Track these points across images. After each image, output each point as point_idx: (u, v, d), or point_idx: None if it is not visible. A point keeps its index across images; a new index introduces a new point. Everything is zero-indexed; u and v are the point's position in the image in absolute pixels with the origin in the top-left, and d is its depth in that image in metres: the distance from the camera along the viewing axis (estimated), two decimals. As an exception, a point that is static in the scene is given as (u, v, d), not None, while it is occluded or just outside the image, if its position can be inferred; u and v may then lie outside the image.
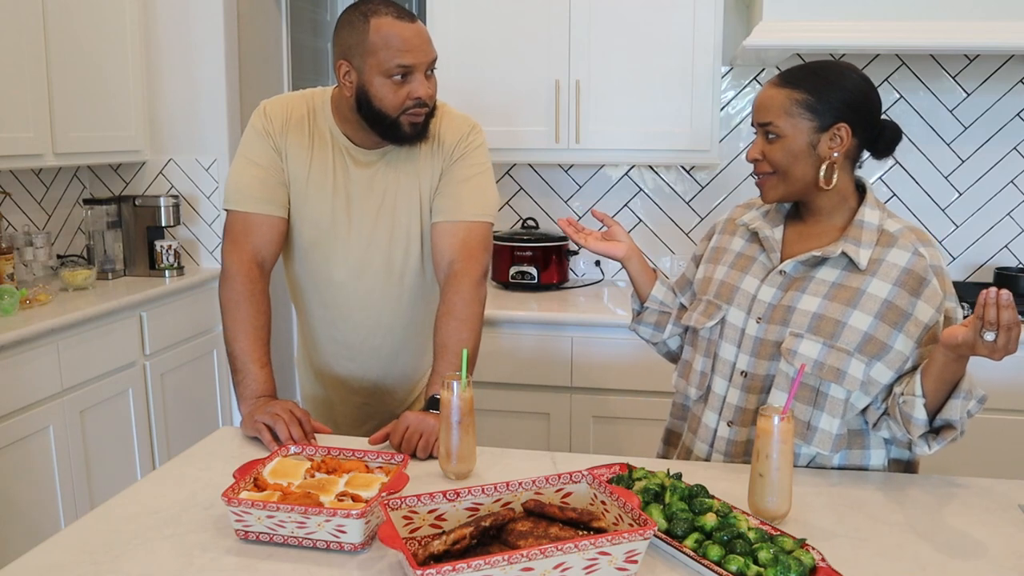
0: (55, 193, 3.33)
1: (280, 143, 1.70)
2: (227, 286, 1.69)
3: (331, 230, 1.73)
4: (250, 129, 1.73)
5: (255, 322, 1.65)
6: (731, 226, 1.63)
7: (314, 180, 1.71)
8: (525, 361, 2.70)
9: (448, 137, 1.72)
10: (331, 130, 1.71)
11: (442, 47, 2.87)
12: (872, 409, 1.42)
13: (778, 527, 1.17)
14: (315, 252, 1.76)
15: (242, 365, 1.63)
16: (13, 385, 2.39)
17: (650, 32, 2.76)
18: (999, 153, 2.95)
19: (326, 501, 1.19)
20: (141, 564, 1.11)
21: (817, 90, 1.41)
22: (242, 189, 1.70)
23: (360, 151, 1.71)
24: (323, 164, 1.71)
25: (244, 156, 1.72)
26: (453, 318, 1.65)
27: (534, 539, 1.07)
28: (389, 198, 1.72)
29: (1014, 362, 2.47)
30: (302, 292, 1.85)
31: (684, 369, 1.61)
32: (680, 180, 3.15)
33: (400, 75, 1.57)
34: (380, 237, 1.74)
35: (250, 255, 1.70)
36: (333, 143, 1.71)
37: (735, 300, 1.51)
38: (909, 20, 2.45)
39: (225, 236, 1.74)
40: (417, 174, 1.73)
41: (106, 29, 3.07)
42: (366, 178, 1.72)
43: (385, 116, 1.60)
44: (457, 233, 1.70)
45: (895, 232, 1.43)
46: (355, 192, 1.72)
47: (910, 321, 1.38)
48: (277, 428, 1.49)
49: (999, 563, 1.13)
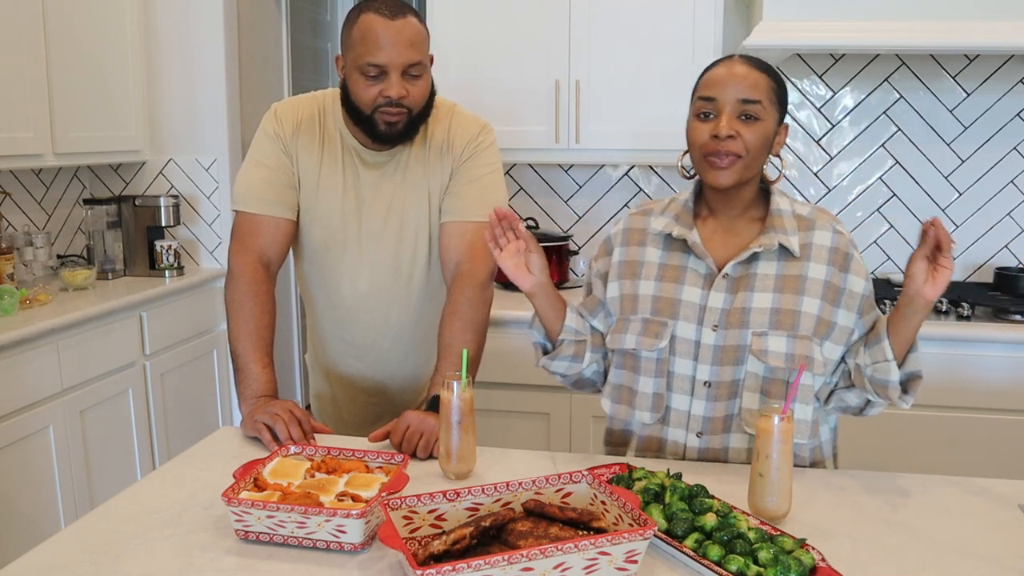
0: (55, 193, 3.33)
1: (290, 146, 1.71)
2: (233, 286, 1.69)
3: (341, 231, 1.74)
4: (260, 132, 1.74)
5: (259, 322, 1.66)
6: (636, 236, 1.53)
7: (324, 182, 1.72)
8: (525, 361, 2.70)
9: (458, 139, 1.72)
10: (341, 131, 1.72)
11: (442, 47, 2.89)
12: (825, 386, 1.45)
13: (778, 527, 1.17)
14: (325, 254, 1.77)
15: (244, 365, 1.63)
16: (13, 385, 2.39)
17: (650, 32, 2.76)
18: (999, 153, 2.95)
19: (326, 501, 1.19)
20: (141, 564, 1.11)
21: (780, 84, 1.43)
22: (250, 191, 1.71)
23: (369, 152, 1.71)
24: (333, 165, 1.72)
25: (253, 158, 1.74)
26: (458, 319, 1.65)
27: (534, 539, 1.07)
28: (398, 199, 1.73)
29: (1014, 362, 2.48)
30: (312, 293, 1.86)
31: (621, 394, 1.49)
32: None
33: (373, 74, 1.55)
34: (389, 238, 1.74)
35: (256, 256, 1.70)
36: (343, 144, 1.72)
37: (680, 313, 1.44)
38: (909, 20, 2.45)
39: (232, 237, 1.75)
40: (427, 176, 1.72)
41: (106, 29, 3.07)
42: (375, 179, 1.72)
43: (360, 112, 1.61)
44: (464, 234, 1.70)
45: (808, 215, 1.46)
46: (365, 194, 1.72)
47: (846, 295, 1.42)
48: (277, 428, 1.49)
49: (999, 563, 1.13)
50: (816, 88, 3.02)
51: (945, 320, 2.55)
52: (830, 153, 3.05)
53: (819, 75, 3.01)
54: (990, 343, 2.48)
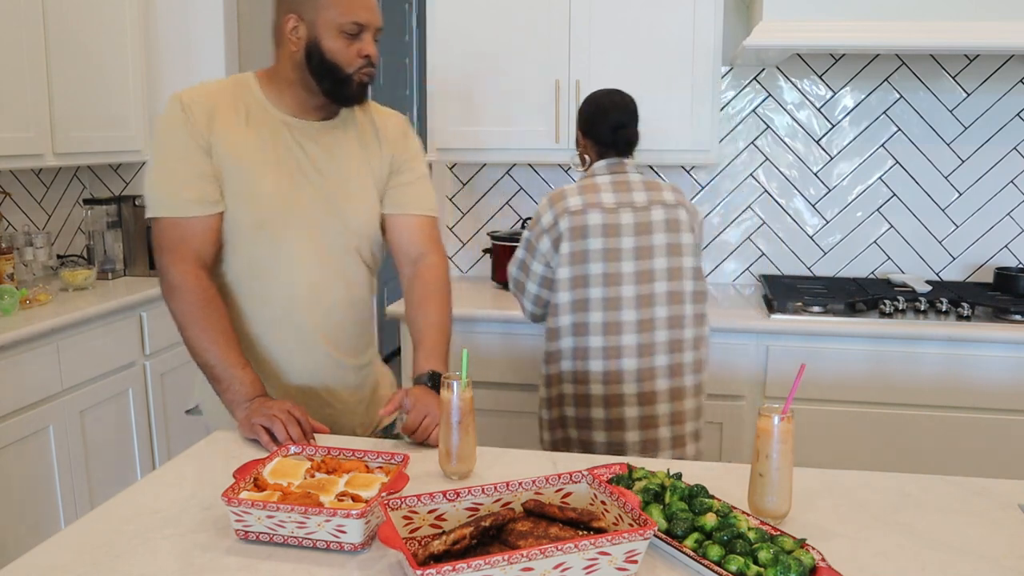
0: (55, 193, 3.33)
1: (205, 131, 1.59)
2: (180, 299, 1.58)
3: (281, 206, 1.64)
4: (165, 127, 1.60)
5: (221, 327, 1.58)
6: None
7: (254, 158, 1.62)
8: (525, 361, 2.70)
9: (388, 126, 1.76)
10: (265, 107, 1.65)
11: (442, 47, 2.89)
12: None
13: (778, 527, 1.17)
14: (261, 234, 1.64)
15: (223, 372, 1.56)
16: (13, 385, 2.39)
17: (650, 32, 2.76)
18: (999, 153, 2.95)
19: (326, 501, 1.19)
20: (141, 564, 1.11)
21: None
22: (170, 193, 1.59)
23: (300, 123, 1.66)
24: (261, 140, 1.63)
25: (163, 158, 1.60)
26: (435, 302, 1.71)
27: (534, 539, 1.07)
28: (335, 168, 1.68)
29: (1014, 362, 2.48)
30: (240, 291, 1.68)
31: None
32: (680, 180, 3.15)
33: (354, 32, 1.59)
34: (330, 209, 1.67)
35: (194, 262, 1.59)
36: (270, 119, 1.65)
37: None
38: (909, 20, 2.45)
39: (160, 247, 1.61)
40: (362, 146, 1.72)
41: (106, 29, 3.07)
42: (309, 150, 1.66)
43: (339, 71, 1.60)
44: (424, 228, 1.78)
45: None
46: (302, 165, 1.65)
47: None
48: (275, 429, 1.47)
49: (999, 563, 1.13)
50: (816, 88, 3.02)
51: (945, 320, 2.55)
52: (830, 153, 3.05)
53: (819, 75, 3.01)
54: (990, 343, 2.48)
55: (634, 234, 1.99)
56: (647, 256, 2.00)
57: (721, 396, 2.62)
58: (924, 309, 2.62)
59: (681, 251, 2.02)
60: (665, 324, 2.00)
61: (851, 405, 2.56)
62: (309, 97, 1.65)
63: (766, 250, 3.14)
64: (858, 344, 2.54)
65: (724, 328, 2.58)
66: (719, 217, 3.15)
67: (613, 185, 2.02)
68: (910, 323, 2.53)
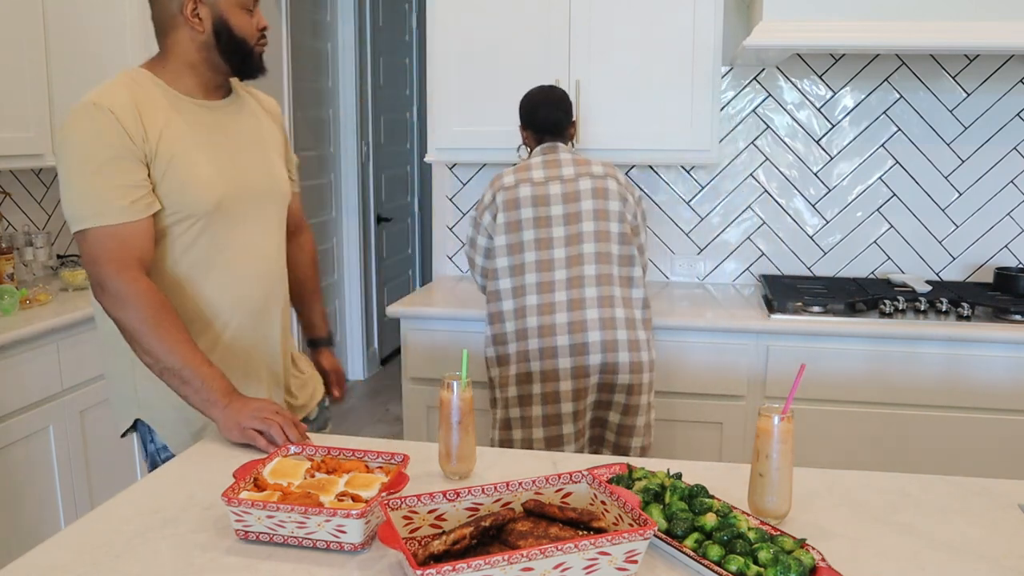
0: (55, 193, 3.32)
1: (137, 134, 1.53)
2: (131, 307, 1.51)
3: (231, 184, 1.64)
4: (91, 134, 1.52)
5: (178, 328, 1.53)
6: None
7: (188, 145, 1.60)
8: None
9: (268, 103, 1.86)
10: (174, 95, 1.63)
11: (442, 47, 2.89)
12: None
13: (778, 527, 1.17)
14: (219, 216, 1.62)
15: (191, 374, 1.50)
16: (13, 385, 2.39)
17: (650, 32, 2.76)
18: (999, 153, 2.95)
19: (326, 501, 1.19)
20: (141, 564, 1.11)
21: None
22: (102, 201, 1.50)
23: (209, 104, 1.68)
24: (187, 127, 1.61)
25: (89, 165, 1.51)
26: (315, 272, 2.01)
27: (534, 539, 1.07)
28: (252, 142, 1.74)
29: (1014, 362, 2.48)
30: (198, 281, 1.64)
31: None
32: (680, 180, 3.15)
33: (251, 6, 1.66)
34: (267, 180, 1.74)
35: (138, 267, 1.53)
36: (183, 105, 1.63)
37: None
38: (909, 20, 2.45)
39: (95, 259, 1.52)
40: (258, 120, 1.79)
41: (106, 29, 3.07)
42: (227, 127, 1.70)
43: (245, 45, 1.65)
44: (296, 203, 1.94)
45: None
46: (229, 143, 1.68)
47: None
48: (272, 432, 1.46)
49: (999, 563, 1.13)
50: (816, 88, 3.02)
51: (945, 320, 2.55)
52: (830, 153, 3.05)
53: (819, 75, 3.01)
54: (990, 343, 2.48)
55: (562, 202, 2.26)
56: (575, 221, 2.26)
57: (721, 396, 2.62)
58: (924, 309, 2.62)
59: (608, 216, 2.27)
60: (594, 281, 2.25)
61: (851, 405, 2.56)
62: (213, 76, 1.67)
63: (766, 250, 3.14)
64: (858, 344, 2.54)
65: (724, 328, 2.58)
66: (719, 217, 3.15)
67: (544, 163, 2.32)
68: (910, 323, 2.53)
